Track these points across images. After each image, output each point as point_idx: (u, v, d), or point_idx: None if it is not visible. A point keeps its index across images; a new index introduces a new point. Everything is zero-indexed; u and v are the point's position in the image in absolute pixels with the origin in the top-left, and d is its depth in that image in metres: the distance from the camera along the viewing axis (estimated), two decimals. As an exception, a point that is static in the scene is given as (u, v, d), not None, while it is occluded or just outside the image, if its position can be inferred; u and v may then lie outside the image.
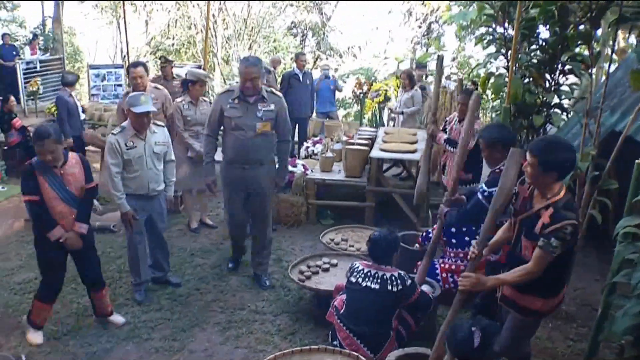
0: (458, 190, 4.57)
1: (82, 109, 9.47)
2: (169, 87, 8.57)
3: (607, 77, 5.30)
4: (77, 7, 21.08)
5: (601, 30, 5.89)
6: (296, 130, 10.17)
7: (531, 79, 6.10)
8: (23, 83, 12.71)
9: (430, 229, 5.46)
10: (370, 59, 19.09)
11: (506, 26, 6.16)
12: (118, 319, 4.98)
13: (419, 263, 5.28)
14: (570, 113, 6.40)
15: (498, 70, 6.57)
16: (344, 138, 8.36)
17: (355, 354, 3.97)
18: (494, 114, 6.83)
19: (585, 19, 5.47)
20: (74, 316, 5.09)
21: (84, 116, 9.51)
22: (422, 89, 9.98)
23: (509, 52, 5.88)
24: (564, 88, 6.13)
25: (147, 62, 19.80)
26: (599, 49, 5.64)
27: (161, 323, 5.00)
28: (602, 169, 4.87)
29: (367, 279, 4.21)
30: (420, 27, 18.96)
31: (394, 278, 4.18)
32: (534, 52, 6.24)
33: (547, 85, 6.09)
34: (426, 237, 5.42)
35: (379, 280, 4.18)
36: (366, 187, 7.27)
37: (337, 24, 21.79)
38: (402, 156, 7.66)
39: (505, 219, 3.75)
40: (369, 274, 4.24)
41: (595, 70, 5.72)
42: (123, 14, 14.27)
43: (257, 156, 5.30)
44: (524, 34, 5.94)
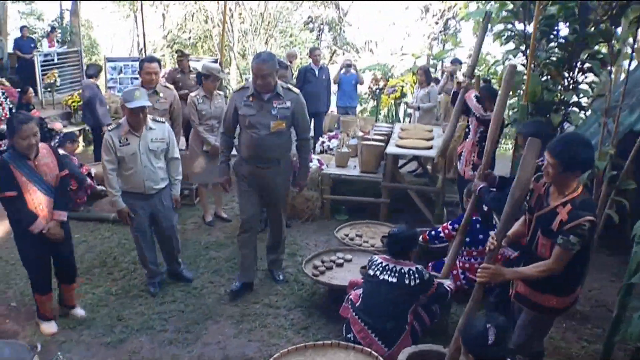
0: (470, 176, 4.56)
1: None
2: (185, 80, 8.64)
3: (626, 75, 5.24)
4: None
5: (621, 29, 5.83)
6: (312, 125, 10.12)
7: (549, 76, 6.06)
8: (40, 75, 12.79)
9: (440, 227, 5.42)
10: (386, 55, 19.04)
11: (525, 23, 6.12)
12: (80, 312, 4.98)
13: (430, 264, 5.30)
14: (589, 112, 6.35)
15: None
16: (360, 133, 8.35)
17: (368, 349, 3.96)
18: (511, 111, 6.77)
19: (605, 16, 5.44)
20: (88, 306, 5.13)
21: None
22: (437, 82, 9.98)
23: (528, 49, 5.85)
24: (583, 86, 6.09)
25: (163, 56, 20.06)
26: (618, 47, 5.58)
27: (175, 315, 5.03)
28: (620, 168, 4.82)
29: (385, 273, 4.21)
30: (437, 23, 18.86)
31: (412, 272, 4.17)
32: (553, 50, 6.19)
33: (566, 83, 6.05)
34: (436, 236, 5.38)
35: (396, 274, 4.17)
36: (381, 183, 7.26)
37: (353, 19, 21.81)
38: (418, 152, 7.63)
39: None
40: (387, 267, 4.24)
41: (614, 68, 5.67)
42: (140, 7, 14.37)
43: (273, 155, 5.09)
44: (543, 31, 5.90)
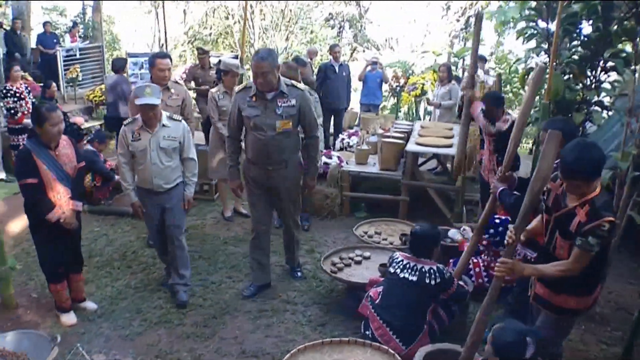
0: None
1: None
2: (205, 76, 8.69)
3: (650, 74, 5.19)
4: (116, -5, 21.40)
5: (646, 27, 5.77)
6: (331, 122, 10.15)
7: (572, 75, 6.00)
8: (63, 70, 12.93)
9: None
10: (407, 52, 18.97)
11: (548, 21, 6.07)
12: (91, 305, 5.03)
13: (451, 261, 5.26)
14: (611, 111, 6.28)
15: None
16: (380, 131, 8.33)
17: (385, 347, 3.95)
18: (532, 110, 6.71)
19: (629, 14, 5.37)
20: (107, 299, 5.19)
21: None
22: (458, 80, 9.91)
23: (550, 48, 5.79)
24: (605, 85, 6.02)
25: (184, 52, 20.15)
26: (643, 46, 5.53)
27: (193, 309, 5.06)
28: (643, 169, 4.76)
29: (405, 271, 4.19)
30: (459, 21, 18.78)
31: (432, 271, 4.15)
32: (576, 48, 6.14)
33: (588, 82, 5.99)
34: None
35: (417, 273, 4.15)
36: (401, 180, 7.24)
37: (374, 17, 21.76)
38: (438, 150, 7.62)
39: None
40: (407, 265, 4.22)
41: (638, 67, 5.60)
42: (162, 3, 14.45)
43: (281, 156, 4.90)
44: (565, 29, 5.84)
